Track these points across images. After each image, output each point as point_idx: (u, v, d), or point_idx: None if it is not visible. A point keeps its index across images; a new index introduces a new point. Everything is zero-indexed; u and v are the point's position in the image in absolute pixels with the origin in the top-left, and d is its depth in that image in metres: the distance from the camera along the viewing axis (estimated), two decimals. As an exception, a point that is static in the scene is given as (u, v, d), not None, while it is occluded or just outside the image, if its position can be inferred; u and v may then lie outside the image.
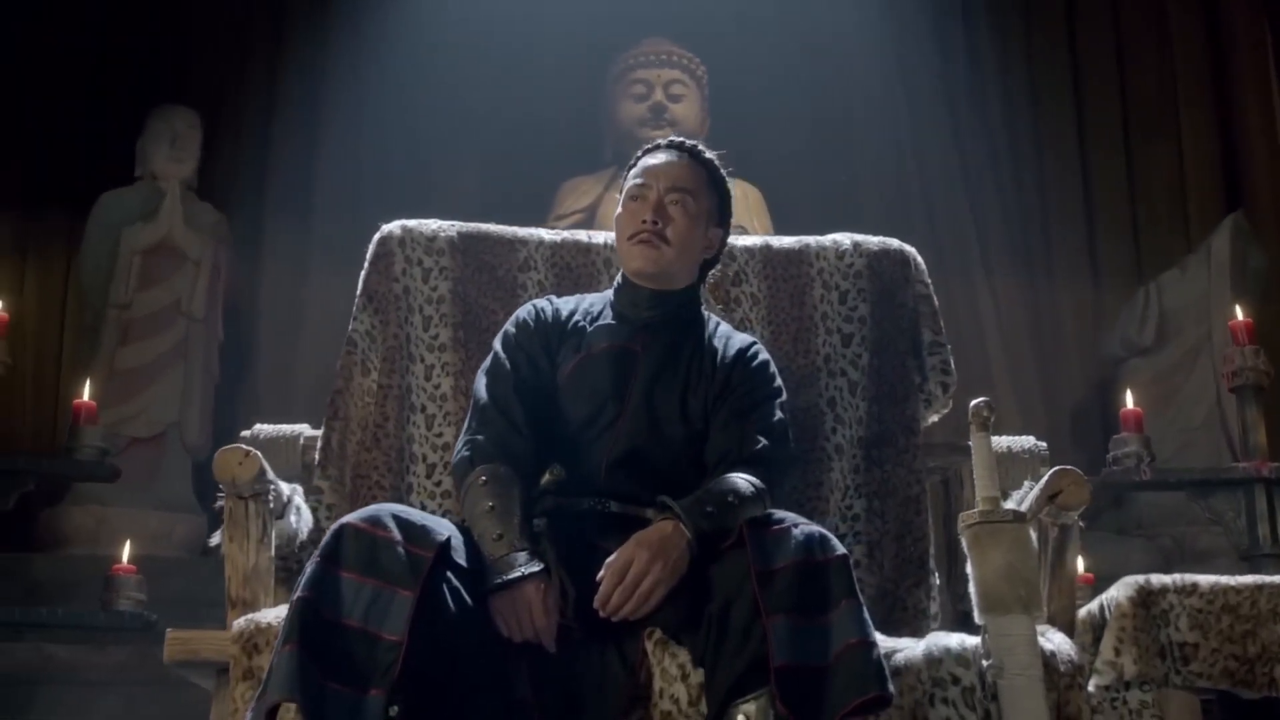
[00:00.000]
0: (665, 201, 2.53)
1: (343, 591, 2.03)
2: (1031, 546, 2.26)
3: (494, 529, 2.23)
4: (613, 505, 2.38)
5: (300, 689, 1.93)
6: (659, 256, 2.52)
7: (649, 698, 2.19)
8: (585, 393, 2.48)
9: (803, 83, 6.87)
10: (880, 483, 2.93)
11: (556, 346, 2.56)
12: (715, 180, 2.65)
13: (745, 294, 3.08)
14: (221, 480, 2.29)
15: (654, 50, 6.26)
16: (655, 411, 2.46)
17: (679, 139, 2.67)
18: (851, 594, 2.06)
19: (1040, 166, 7.14)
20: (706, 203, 2.60)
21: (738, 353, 2.58)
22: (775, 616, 2.01)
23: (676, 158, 2.60)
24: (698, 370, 2.53)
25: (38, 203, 6.61)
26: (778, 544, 2.09)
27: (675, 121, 6.12)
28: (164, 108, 6.09)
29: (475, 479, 2.33)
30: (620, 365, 2.49)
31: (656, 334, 2.54)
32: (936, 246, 6.86)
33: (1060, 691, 2.21)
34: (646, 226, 2.51)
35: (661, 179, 2.55)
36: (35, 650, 4.23)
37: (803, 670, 1.98)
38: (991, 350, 6.70)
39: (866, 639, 2.01)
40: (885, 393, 3.00)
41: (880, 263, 3.11)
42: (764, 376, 2.57)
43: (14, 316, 6.35)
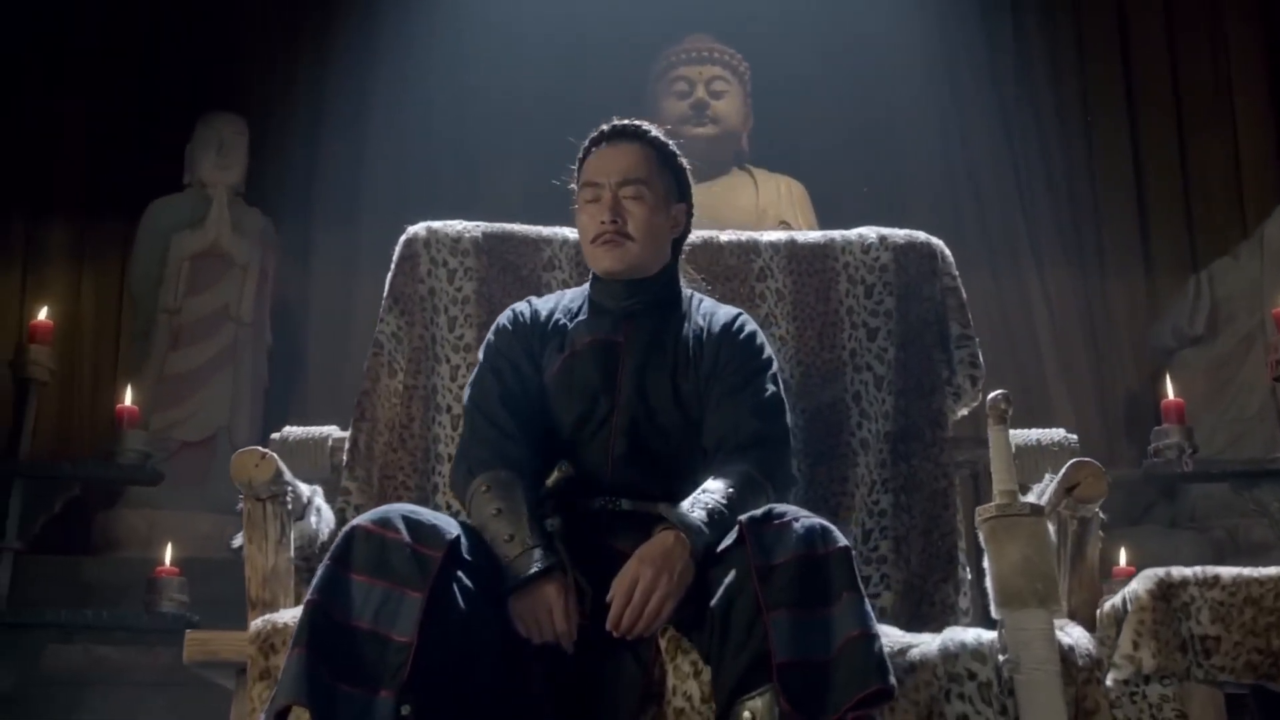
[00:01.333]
0: (620, 197, 2.48)
1: (353, 593, 2.05)
2: (1049, 540, 2.24)
3: (505, 530, 2.24)
4: (623, 503, 2.37)
5: (308, 692, 1.95)
6: (624, 254, 2.49)
7: (662, 695, 2.19)
8: (575, 391, 2.46)
9: (847, 76, 6.82)
10: (907, 477, 2.92)
11: (539, 348, 2.55)
12: (666, 157, 2.58)
13: (770, 289, 3.07)
14: (238, 482, 2.31)
15: (695, 47, 6.25)
16: (648, 401, 2.44)
17: (621, 123, 2.58)
18: (853, 586, 2.04)
19: (1091, 156, 7.06)
20: (662, 184, 2.54)
21: (723, 328, 2.54)
22: (776, 612, 2.00)
23: (622, 146, 2.53)
24: (685, 352, 2.50)
25: (94, 209, 6.72)
26: (778, 538, 2.08)
27: (717, 119, 6.11)
28: (211, 115, 6.16)
29: (477, 488, 2.34)
30: (606, 358, 2.47)
31: (638, 322, 2.51)
32: (986, 239, 6.83)
33: (1078, 686, 2.18)
34: (606, 227, 2.47)
35: (612, 174, 2.50)
36: (84, 652, 4.30)
37: (805, 665, 1.97)
38: (1043, 343, 6.63)
39: (868, 631, 1.99)
40: (911, 387, 2.98)
41: (906, 256, 3.09)
42: (752, 349, 2.53)
43: (71, 322, 6.53)
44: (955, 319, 3.07)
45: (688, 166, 2.63)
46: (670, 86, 6.18)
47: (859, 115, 6.94)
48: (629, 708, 2.18)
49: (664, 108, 6.15)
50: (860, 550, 2.85)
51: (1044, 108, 7.10)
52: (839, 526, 2.82)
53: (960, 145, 7.01)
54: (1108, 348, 6.75)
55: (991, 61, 7.09)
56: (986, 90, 7.05)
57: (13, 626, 3.81)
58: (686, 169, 2.63)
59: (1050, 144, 7.03)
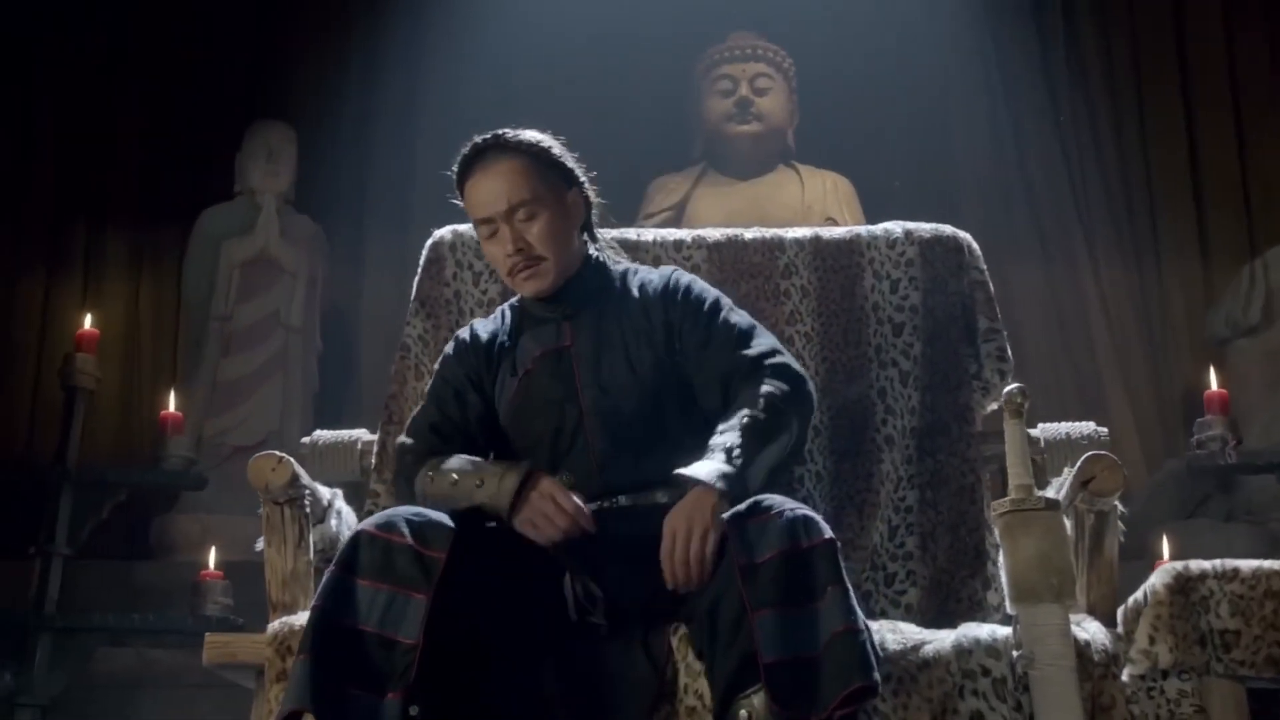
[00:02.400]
0: (516, 225, 2.41)
1: (359, 598, 2.07)
2: (1065, 534, 2.21)
3: (471, 482, 2.29)
4: (621, 499, 2.36)
5: (312, 697, 1.98)
6: (544, 275, 2.44)
7: (674, 693, 2.20)
8: (539, 407, 2.43)
9: (895, 71, 6.78)
10: (933, 473, 2.89)
11: (486, 373, 2.52)
12: (537, 154, 2.47)
13: (795, 286, 3.05)
14: (256, 486, 2.35)
15: (739, 44, 6.24)
16: (613, 395, 2.41)
17: (482, 141, 2.47)
18: (837, 580, 2.02)
19: (1145, 144, 6.95)
20: (548, 188, 2.45)
21: (662, 294, 2.50)
22: (762, 611, 1.98)
23: (495, 169, 2.43)
24: (632, 330, 2.46)
25: (151, 219, 6.83)
26: (761, 534, 2.06)
27: (761, 116, 6.10)
28: (260, 123, 6.25)
29: (423, 478, 2.37)
30: (558, 367, 2.44)
31: (579, 320, 2.47)
32: (1039, 231, 6.76)
33: (1094, 681, 2.16)
34: (516, 259, 2.42)
35: (497, 204, 2.41)
36: (136, 655, 4.37)
37: (794, 663, 1.95)
38: (1097, 335, 6.55)
39: (853, 626, 1.97)
40: (938, 382, 2.96)
41: (932, 250, 3.07)
42: (698, 298, 2.49)
43: (130, 330, 6.64)
44: (983, 313, 3.04)
45: (559, 144, 2.53)
46: (714, 85, 6.18)
47: (908, 110, 6.90)
48: (642, 706, 2.19)
49: (708, 106, 6.16)
50: (887, 547, 2.84)
51: (1097, 98, 7.01)
52: (863, 524, 2.85)
53: (1011, 137, 6.93)
54: (1164, 339, 6.65)
55: (1043, 53, 7.01)
56: (1038, 82, 6.97)
57: (63, 631, 3.88)
58: (561, 149, 2.52)
59: (1103, 134, 6.94)
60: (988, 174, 6.86)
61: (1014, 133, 6.96)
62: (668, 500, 2.29)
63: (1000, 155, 6.94)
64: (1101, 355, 6.51)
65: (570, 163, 2.53)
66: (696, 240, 3.11)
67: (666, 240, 3.11)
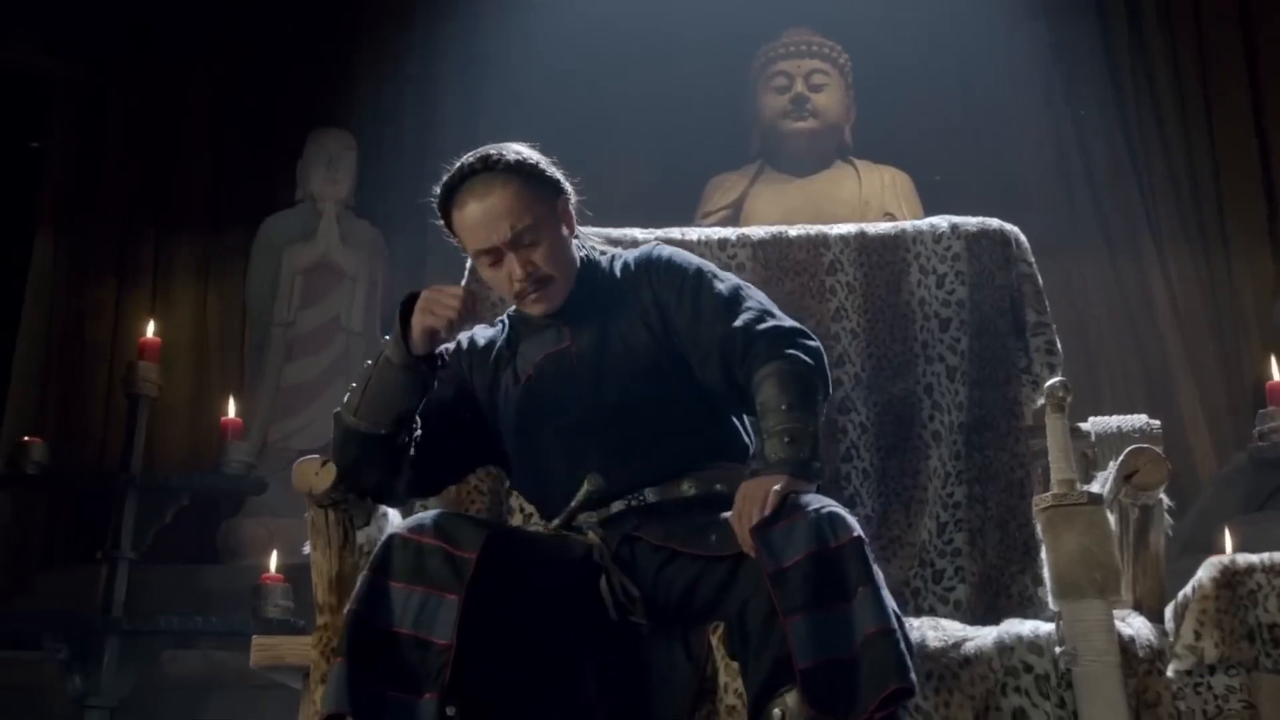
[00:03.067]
0: (519, 251, 2.35)
1: (393, 600, 2.10)
2: (1108, 529, 2.19)
3: (366, 373, 2.35)
4: (649, 495, 2.33)
5: (350, 700, 2.01)
6: (554, 293, 2.40)
7: (715, 692, 2.20)
8: (547, 411, 2.40)
9: (954, 62, 6.72)
10: (981, 468, 2.88)
11: (481, 378, 2.51)
12: (525, 172, 2.40)
13: (840, 283, 3.05)
14: (300, 490, 2.37)
15: (794, 41, 6.22)
16: (617, 384, 2.37)
17: (466, 165, 2.40)
18: (868, 579, 2.00)
19: (1212, 134, 6.82)
20: (542, 203, 2.39)
21: (644, 271, 2.46)
22: (794, 617, 1.97)
23: (489, 198, 2.35)
24: (625, 316, 2.42)
25: (217, 227, 6.93)
26: (788, 537, 2.04)
27: (817, 112, 6.07)
28: (320, 131, 6.32)
29: (338, 418, 2.40)
30: (561, 368, 2.41)
31: (577, 321, 2.44)
32: (1103, 224, 6.67)
33: (1139, 678, 2.14)
34: (524, 285, 2.37)
35: (497, 234, 2.34)
36: (202, 657, 4.44)
37: (828, 666, 1.94)
38: (1165, 327, 6.45)
39: (886, 626, 1.96)
40: (986, 376, 2.94)
41: (979, 244, 3.05)
42: (681, 271, 2.44)
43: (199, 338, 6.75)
44: (1031, 306, 3.02)
45: (539, 154, 2.46)
46: (769, 82, 6.16)
47: (967, 101, 6.84)
48: (682, 705, 2.20)
49: (764, 103, 6.15)
50: (935, 543, 2.83)
51: (1162, 87, 6.89)
52: (910, 520, 2.84)
53: (1073, 128, 6.84)
54: (1234, 331, 6.53)
55: (1105, 41, 6.92)
56: (1100, 70, 6.88)
57: (129, 634, 3.95)
58: (545, 160, 2.46)
59: (1169, 124, 6.82)
60: (1050, 166, 6.78)
61: (1075, 124, 6.88)
62: (695, 492, 2.31)
63: (1062, 147, 6.85)
64: (1171, 347, 6.42)
65: (554, 172, 2.47)
66: (741, 239, 3.11)
67: (711, 239, 3.11)
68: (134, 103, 7.23)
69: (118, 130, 7.22)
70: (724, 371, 2.35)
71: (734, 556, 2.13)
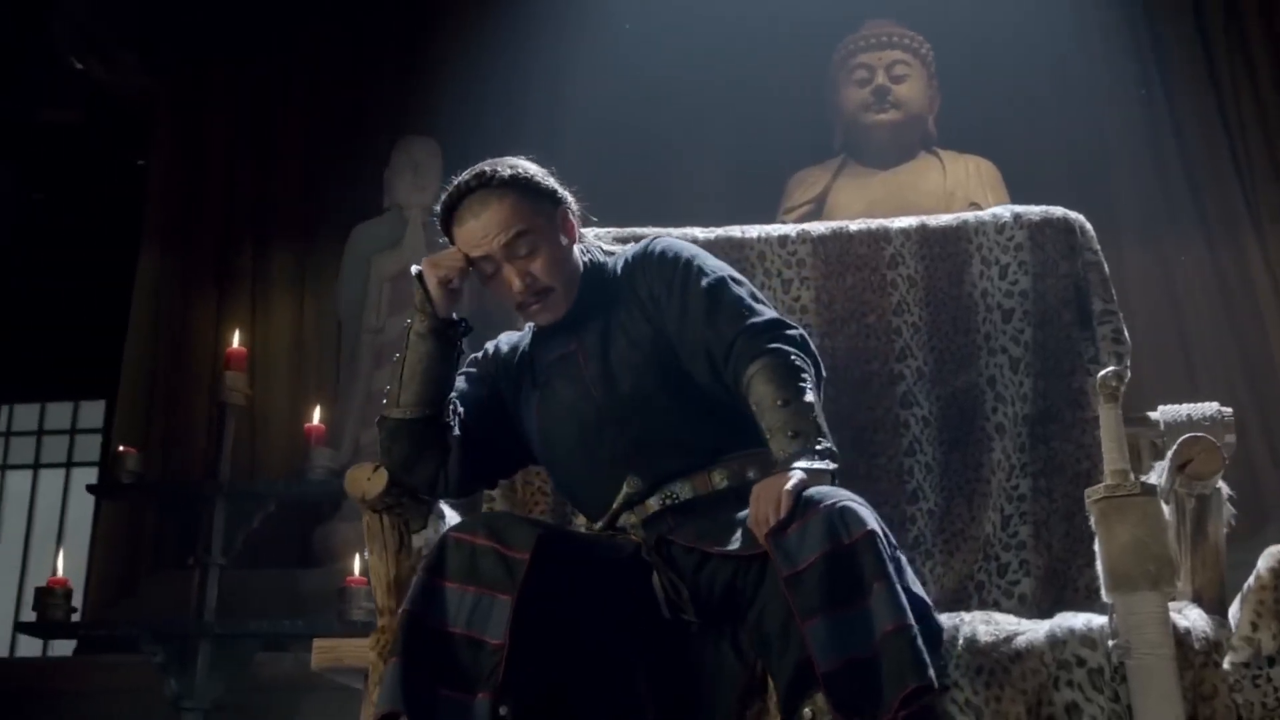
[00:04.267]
0: (517, 259, 2.39)
1: (447, 601, 2.13)
2: (1162, 520, 2.16)
3: (398, 363, 2.44)
4: (681, 491, 2.34)
5: (404, 699, 2.05)
6: (555, 304, 2.43)
7: (764, 689, 2.20)
8: (561, 414, 2.43)
9: (1043, 47, 6.60)
10: (1046, 460, 2.84)
11: (505, 384, 2.55)
12: (520, 184, 2.44)
13: (901, 276, 3.03)
14: (353, 496, 2.42)
15: (874, 33, 6.15)
16: (623, 380, 2.39)
17: (465, 181, 2.44)
18: (882, 574, 1.99)
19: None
20: (538, 213, 2.42)
21: (640, 264, 2.48)
22: (811, 620, 1.97)
23: (485, 212, 2.39)
24: (628, 313, 2.44)
25: (312, 236, 7.07)
26: (801, 538, 2.03)
27: (899, 103, 6.01)
28: (405, 139, 6.41)
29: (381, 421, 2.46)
30: (570, 370, 2.44)
31: (583, 324, 2.46)
32: (1200, 210, 6.52)
33: (1195, 670, 2.11)
34: (524, 296, 2.41)
35: (493, 240, 2.38)
36: (295, 660, 4.53)
37: (850, 666, 1.94)
38: (1266, 312, 6.29)
39: (902, 623, 1.95)
40: (1050, 367, 2.90)
41: (1042, 233, 3.01)
42: (671, 263, 2.45)
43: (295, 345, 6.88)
44: (1098, 294, 2.97)
45: (526, 165, 2.49)
46: (851, 74, 6.11)
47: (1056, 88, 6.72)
48: (733, 702, 2.20)
49: (845, 96, 6.10)
50: (1000, 536, 2.80)
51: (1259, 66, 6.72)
52: (973, 514, 2.82)
53: (1168, 113, 6.68)
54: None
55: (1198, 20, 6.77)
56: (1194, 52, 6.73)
57: (220, 637, 4.05)
58: (541, 172, 2.50)
59: (1267, 105, 6.64)
60: (1143, 152, 6.63)
61: (1170, 109, 6.73)
62: (728, 484, 2.32)
63: (1156, 132, 6.70)
64: (1272, 333, 6.26)
65: (552, 182, 2.49)
66: (801, 235, 3.10)
67: (771, 236, 3.11)
68: (230, 117, 7.42)
69: (216, 144, 7.41)
70: (712, 373, 2.37)
71: (763, 555, 2.13)
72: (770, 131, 6.64)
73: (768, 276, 3.06)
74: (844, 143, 6.18)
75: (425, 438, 2.43)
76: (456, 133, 6.80)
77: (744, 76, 6.75)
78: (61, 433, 9.09)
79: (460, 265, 2.41)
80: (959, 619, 2.22)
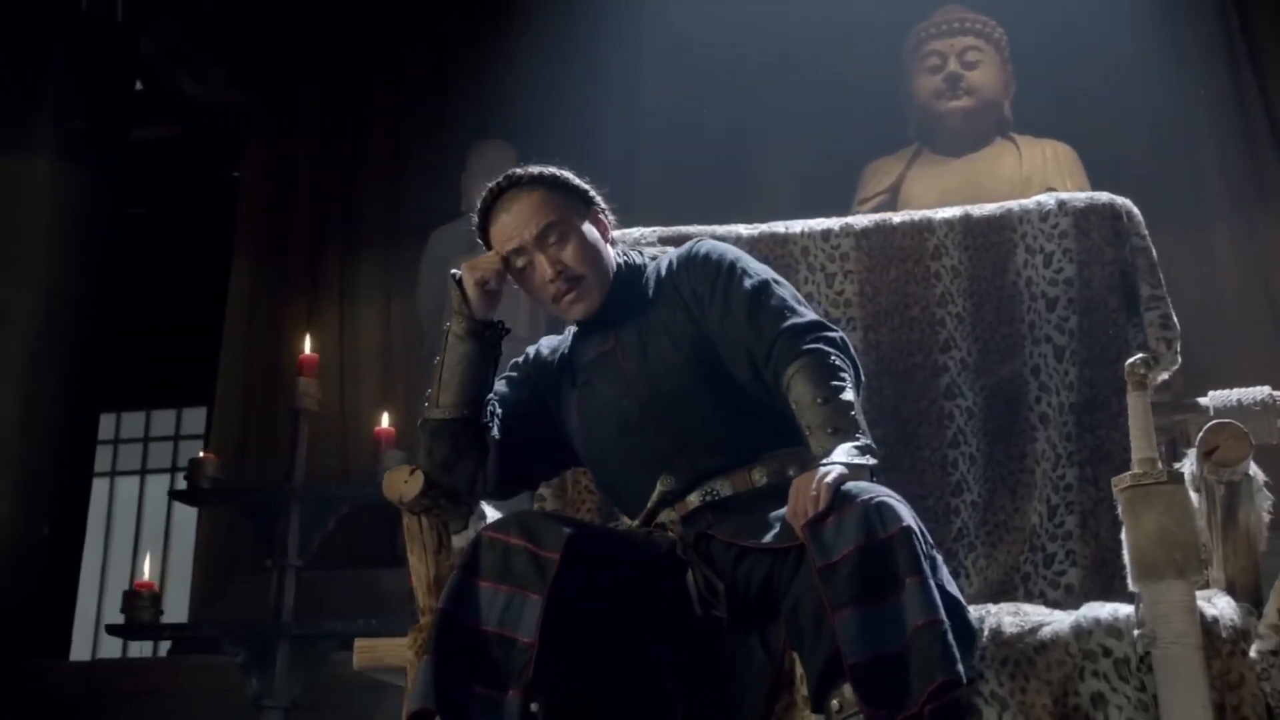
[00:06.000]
0: (549, 250, 2.46)
1: (480, 599, 2.17)
2: (1190, 508, 2.14)
3: (437, 366, 2.52)
4: (722, 488, 2.37)
5: (435, 695, 2.09)
6: (588, 294, 2.47)
7: (792, 684, 2.22)
8: (599, 413, 2.48)
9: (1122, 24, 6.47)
10: (1093, 449, 2.82)
11: (544, 387, 2.60)
12: (555, 182, 2.53)
13: (945, 268, 3.02)
14: (390, 498, 2.48)
15: (946, 19, 6.07)
16: (663, 379, 2.43)
17: (496, 184, 2.55)
18: (916, 570, 1.99)
19: None
20: (570, 208, 2.51)
21: (682, 266, 2.52)
22: (842, 612, 1.98)
23: (515, 206, 2.49)
24: (669, 313, 2.48)
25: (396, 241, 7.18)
26: (838, 531, 2.05)
27: (972, 90, 5.92)
28: (481, 143, 6.48)
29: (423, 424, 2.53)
30: (609, 368, 2.48)
31: (620, 322, 2.50)
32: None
33: (1223, 659, 2.08)
34: (557, 285, 2.46)
35: (526, 233, 2.46)
36: (373, 659, 4.61)
37: (879, 660, 1.95)
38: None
39: (933, 618, 1.95)
40: (1096, 355, 2.87)
41: (1087, 220, 2.98)
42: (715, 265, 2.48)
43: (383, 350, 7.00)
44: (1145, 280, 2.94)
45: (562, 171, 2.57)
46: (922, 62, 6.04)
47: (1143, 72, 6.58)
48: (760, 696, 2.22)
49: (918, 84, 6.04)
50: (1046, 527, 2.78)
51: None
52: (1017, 505, 2.80)
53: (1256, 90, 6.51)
54: None
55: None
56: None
57: (297, 638, 4.15)
58: (564, 173, 2.57)
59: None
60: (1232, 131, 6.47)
61: (1260, 86, 6.56)
62: (767, 480, 2.34)
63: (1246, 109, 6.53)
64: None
65: (582, 183, 2.58)
66: (844, 228, 3.10)
67: (814, 230, 3.12)
68: (316, 126, 7.56)
69: (304, 154, 7.55)
70: (753, 373, 2.40)
71: (799, 548, 2.15)
72: (848, 121, 6.59)
73: (811, 271, 3.06)
74: (918, 131, 6.13)
75: (464, 438, 2.49)
76: (533, 136, 6.86)
77: (820, 67, 6.71)
78: (166, 439, 9.37)
79: (496, 267, 2.48)
80: (985, 610, 2.21)
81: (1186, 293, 5.96)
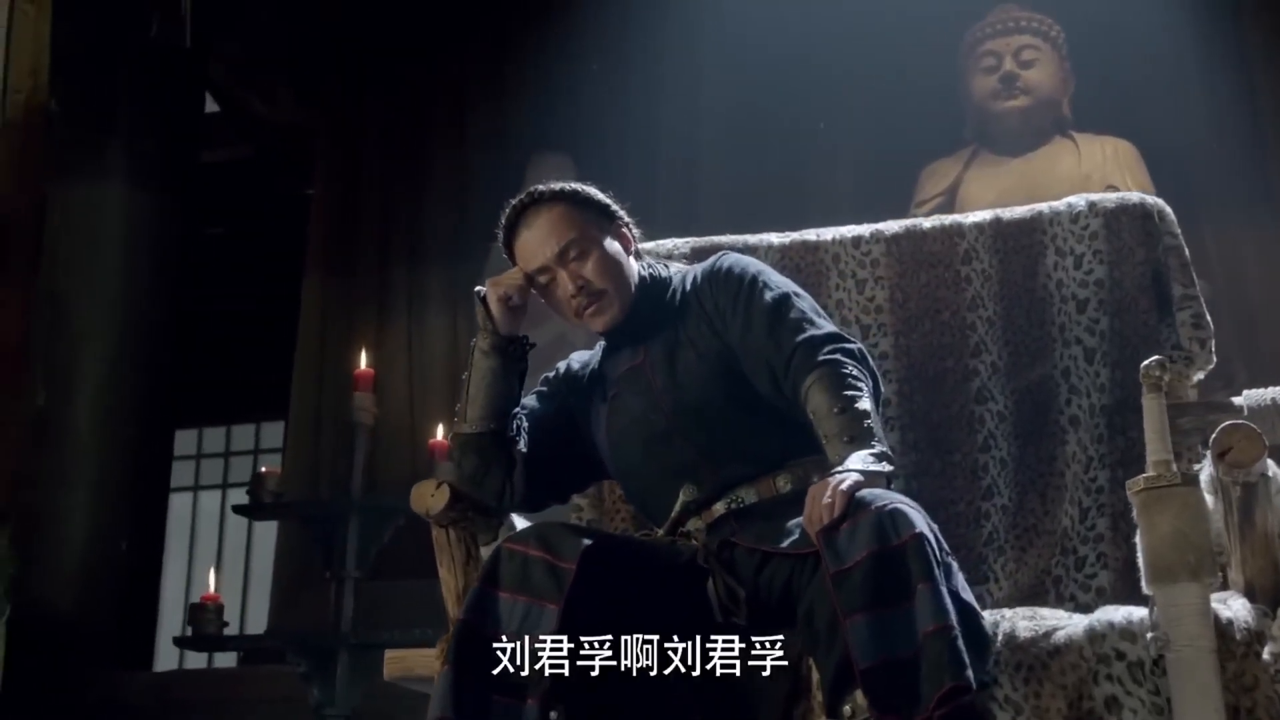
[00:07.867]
0: (571, 266, 2.50)
1: (500, 610, 2.22)
2: (1204, 510, 2.14)
3: (465, 382, 2.57)
4: (746, 496, 2.40)
5: (454, 705, 2.14)
6: (610, 308, 2.51)
7: (809, 690, 2.24)
8: (628, 426, 2.52)
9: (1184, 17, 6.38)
10: (1124, 451, 2.80)
11: (575, 402, 2.65)
12: (572, 197, 2.57)
13: (975, 272, 3.01)
14: (417, 511, 2.53)
15: (1000, 19, 6.04)
16: (690, 390, 2.46)
17: (517, 202, 2.57)
18: (928, 576, 2.00)
19: None
20: (592, 224, 2.55)
21: (706, 279, 2.55)
22: (854, 617, 2.00)
23: (537, 222, 2.53)
24: (695, 326, 2.51)
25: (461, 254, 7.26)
26: (851, 538, 2.06)
27: (1029, 89, 5.89)
28: (538, 155, 6.55)
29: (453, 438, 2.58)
30: (636, 382, 2.52)
31: (648, 336, 2.54)
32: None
33: (1237, 661, 2.07)
34: (578, 300, 2.51)
35: (548, 250, 2.50)
36: (430, 669, 4.68)
37: (890, 665, 1.97)
38: None
39: (943, 624, 1.96)
40: (1128, 356, 2.85)
41: (1118, 221, 2.96)
42: (738, 278, 2.51)
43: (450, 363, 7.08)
44: (1177, 280, 2.91)
45: (585, 187, 2.61)
46: (978, 63, 6.02)
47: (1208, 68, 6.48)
48: (777, 703, 2.24)
49: (974, 85, 6.02)
50: (1077, 530, 2.78)
51: None
52: (1047, 508, 2.80)
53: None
54: None
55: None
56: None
57: (356, 647, 4.23)
58: (585, 189, 2.60)
59: None
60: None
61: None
62: (791, 488, 2.36)
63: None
64: None
65: (604, 198, 2.61)
66: (874, 235, 3.11)
67: (845, 238, 3.13)
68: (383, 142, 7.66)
69: (371, 170, 7.64)
70: (773, 384, 2.43)
71: (817, 554, 2.16)
72: (906, 123, 6.57)
73: (842, 278, 3.07)
74: (975, 131, 6.11)
75: (491, 451, 2.54)
76: (593, 146, 6.92)
77: (877, 70, 6.69)
78: (246, 453, 9.54)
79: (520, 283, 2.53)
80: (1000, 615, 2.22)
81: (1251, 289, 5.92)
